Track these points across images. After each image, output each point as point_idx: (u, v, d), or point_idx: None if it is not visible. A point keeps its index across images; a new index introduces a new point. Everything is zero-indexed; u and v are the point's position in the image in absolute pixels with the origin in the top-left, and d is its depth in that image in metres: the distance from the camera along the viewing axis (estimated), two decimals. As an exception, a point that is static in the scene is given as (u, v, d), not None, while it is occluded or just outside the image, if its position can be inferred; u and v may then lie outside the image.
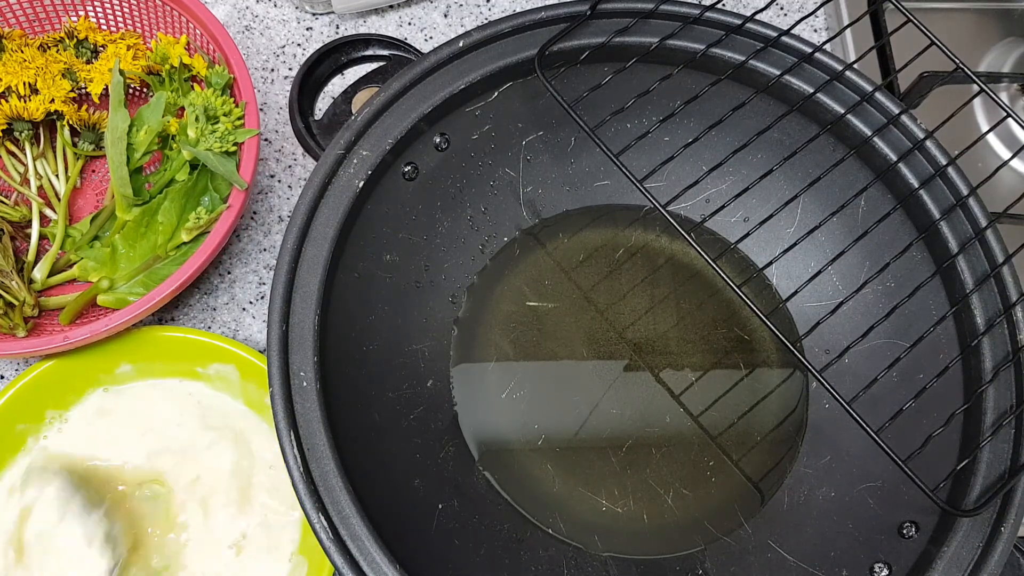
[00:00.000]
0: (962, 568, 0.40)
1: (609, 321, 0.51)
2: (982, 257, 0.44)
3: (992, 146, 0.60)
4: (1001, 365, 0.43)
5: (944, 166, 0.45)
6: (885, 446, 0.37)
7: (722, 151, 0.45)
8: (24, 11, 0.54)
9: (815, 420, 0.50)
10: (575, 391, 0.50)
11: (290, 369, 0.40)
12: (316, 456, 0.38)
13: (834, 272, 0.50)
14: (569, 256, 0.53)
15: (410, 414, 0.47)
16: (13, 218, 0.52)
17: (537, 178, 0.52)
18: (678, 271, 0.53)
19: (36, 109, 0.51)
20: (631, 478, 0.48)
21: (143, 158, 0.51)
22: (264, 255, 0.56)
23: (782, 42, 0.47)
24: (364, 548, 0.37)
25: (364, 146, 0.44)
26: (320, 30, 0.61)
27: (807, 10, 0.65)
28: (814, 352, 0.50)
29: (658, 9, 0.46)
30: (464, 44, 0.45)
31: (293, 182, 0.58)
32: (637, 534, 0.47)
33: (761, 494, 0.48)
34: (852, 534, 0.45)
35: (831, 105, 0.47)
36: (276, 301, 0.41)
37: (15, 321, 0.48)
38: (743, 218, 0.53)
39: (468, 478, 0.47)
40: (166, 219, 0.49)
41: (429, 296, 0.50)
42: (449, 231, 0.51)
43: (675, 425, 0.49)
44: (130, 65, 0.52)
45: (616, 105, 0.44)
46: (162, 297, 0.45)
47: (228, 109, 0.49)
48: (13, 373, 0.53)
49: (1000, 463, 0.41)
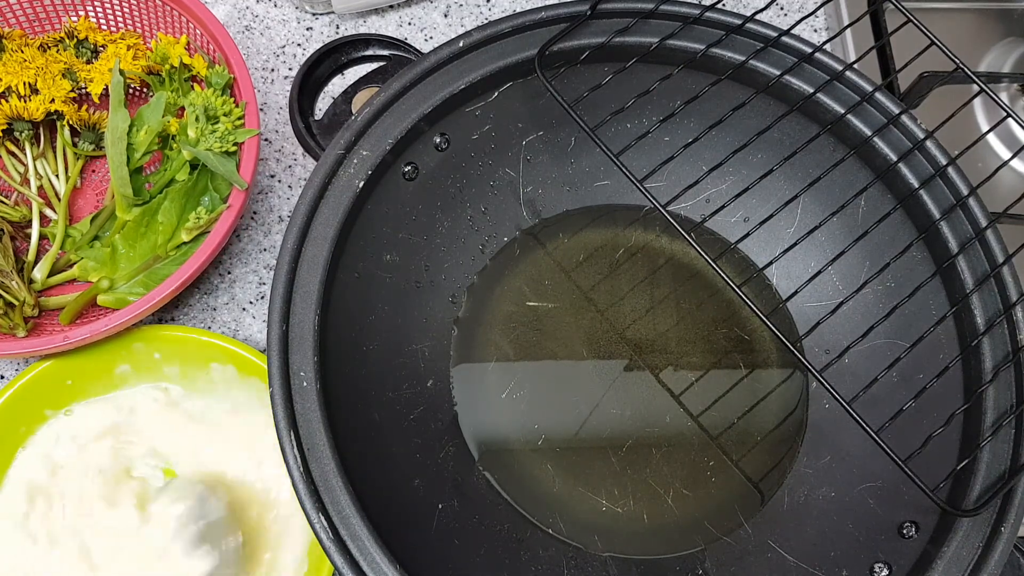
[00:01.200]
0: (962, 568, 0.40)
1: (609, 321, 0.51)
2: (982, 257, 0.44)
3: (992, 146, 0.60)
4: (1001, 365, 0.43)
5: (944, 166, 0.45)
6: (885, 446, 0.37)
7: (722, 151, 0.45)
8: (24, 11, 0.54)
9: (815, 420, 0.50)
10: (575, 391, 0.50)
11: (290, 369, 0.40)
12: (316, 456, 0.38)
13: (834, 272, 0.50)
14: (569, 256, 0.53)
15: (410, 414, 0.47)
16: (13, 218, 0.52)
17: (537, 178, 0.52)
18: (678, 271, 0.53)
19: (36, 109, 0.51)
20: (631, 478, 0.48)
21: (143, 158, 0.51)
22: (264, 255, 0.56)
23: (782, 42, 0.47)
24: (364, 548, 0.37)
25: (364, 146, 0.44)
26: (320, 30, 0.61)
27: (807, 10, 0.65)
28: (814, 352, 0.50)
29: (658, 9, 0.46)
30: (464, 44, 0.45)
31: (293, 182, 0.58)
32: (637, 534, 0.47)
33: (761, 494, 0.48)
34: (852, 534, 0.45)
35: (831, 105, 0.47)
36: (276, 301, 0.41)
37: (15, 321, 0.48)
38: (743, 218, 0.53)
39: (468, 478, 0.47)
40: (166, 219, 0.49)
41: (429, 296, 0.50)
42: (449, 231, 0.51)
43: (675, 425, 0.49)
44: (130, 65, 0.52)
45: (616, 105, 0.44)
46: (162, 297, 0.45)
47: (228, 109, 0.49)
48: (13, 373, 0.53)
49: (1000, 463, 0.41)
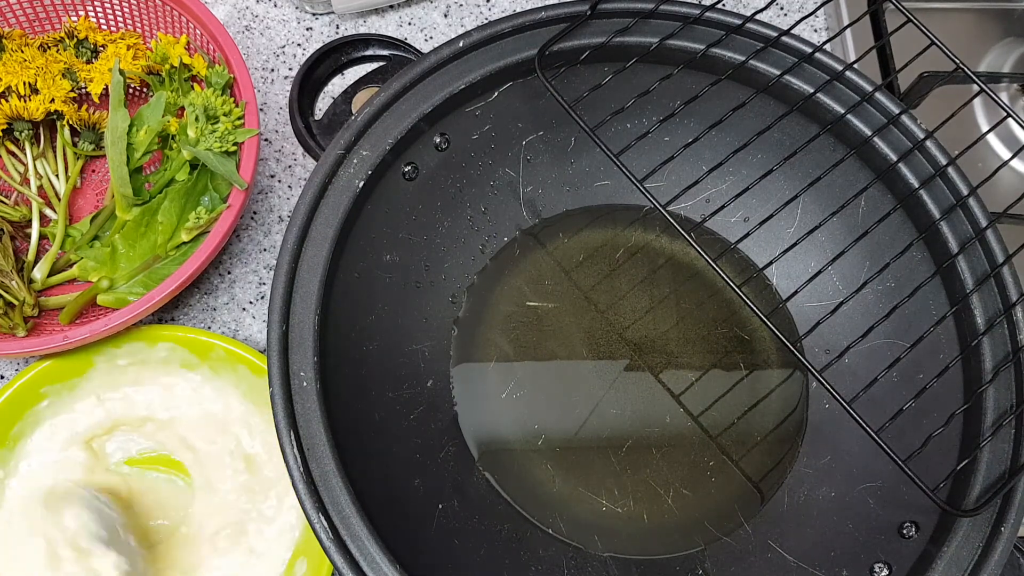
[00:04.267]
0: (962, 568, 0.40)
1: (609, 321, 0.51)
2: (982, 257, 0.44)
3: (992, 146, 0.60)
4: (1001, 365, 0.43)
5: (944, 166, 0.45)
6: (885, 446, 0.37)
7: (722, 151, 0.45)
8: (24, 11, 0.54)
9: (815, 420, 0.50)
10: (575, 391, 0.50)
11: (290, 369, 0.40)
12: (316, 456, 0.38)
13: (834, 272, 0.50)
14: (569, 256, 0.53)
15: (410, 414, 0.47)
16: (13, 218, 0.52)
17: (537, 178, 0.52)
18: (678, 271, 0.53)
19: (36, 109, 0.51)
20: (631, 478, 0.48)
21: (143, 158, 0.51)
22: (264, 255, 0.56)
23: (782, 42, 0.47)
24: (364, 548, 0.37)
25: (364, 146, 0.44)
26: (320, 30, 0.61)
27: (807, 10, 0.65)
28: (814, 352, 0.50)
29: (658, 9, 0.46)
30: (464, 44, 0.45)
31: (293, 182, 0.58)
32: (637, 534, 0.47)
33: (761, 494, 0.48)
34: (852, 534, 0.45)
35: (831, 105, 0.47)
36: (276, 301, 0.41)
37: (15, 321, 0.48)
38: (743, 218, 0.53)
39: (468, 478, 0.47)
40: (166, 219, 0.49)
41: (429, 296, 0.50)
42: (449, 231, 0.51)
43: (675, 425, 0.49)
44: (130, 65, 0.52)
45: (616, 105, 0.44)
46: (162, 297, 0.45)
47: (228, 109, 0.49)
48: (13, 373, 0.53)
49: (1000, 463, 0.41)
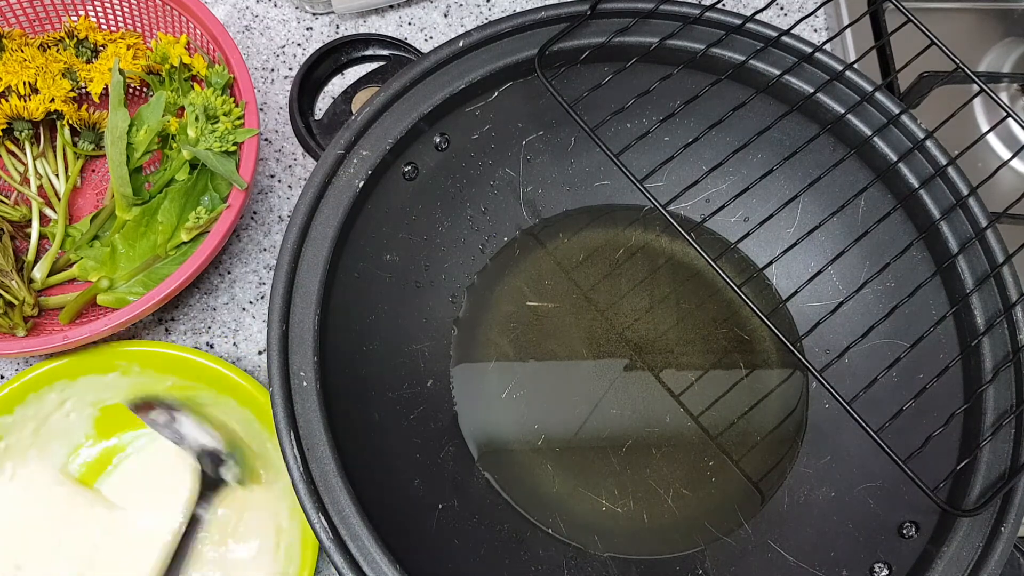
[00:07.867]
0: (962, 568, 0.40)
1: (609, 321, 0.51)
2: (982, 257, 0.44)
3: (992, 146, 0.60)
4: (1001, 365, 0.43)
5: (944, 166, 0.45)
6: (885, 446, 0.37)
7: (722, 151, 0.45)
8: (24, 11, 0.54)
9: (815, 420, 0.50)
10: (575, 391, 0.50)
11: (290, 369, 0.40)
12: (316, 456, 0.38)
13: (834, 272, 0.50)
14: (569, 256, 0.53)
15: (410, 414, 0.47)
16: (13, 218, 0.52)
17: (537, 178, 0.52)
18: (678, 271, 0.53)
19: (36, 109, 0.51)
20: (631, 478, 0.48)
21: (143, 158, 0.51)
22: (264, 255, 0.56)
23: (782, 42, 0.47)
24: (364, 548, 0.37)
25: (364, 146, 0.44)
26: (320, 30, 0.61)
27: (807, 10, 0.65)
28: (814, 352, 0.50)
29: (658, 9, 0.46)
30: (464, 44, 0.45)
31: (293, 182, 0.58)
32: (637, 534, 0.47)
33: (761, 494, 0.48)
34: (852, 534, 0.45)
35: (831, 105, 0.47)
36: (276, 301, 0.41)
37: (15, 321, 0.48)
38: (743, 218, 0.53)
39: (468, 478, 0.47)
40: (166, 219, 0.49)
41: (429, 296, 0.50)
42: (449, 231, 0.51)
43: (675, 425, 0.49)
44: (130, 65, 0.52)
45: (616, 105, 0.44)
46: (162, 297, 0.45)
47: (228, 109, 0.49)
48: (13, 372, 0.53)
49: (1000, 463, 0.41)
